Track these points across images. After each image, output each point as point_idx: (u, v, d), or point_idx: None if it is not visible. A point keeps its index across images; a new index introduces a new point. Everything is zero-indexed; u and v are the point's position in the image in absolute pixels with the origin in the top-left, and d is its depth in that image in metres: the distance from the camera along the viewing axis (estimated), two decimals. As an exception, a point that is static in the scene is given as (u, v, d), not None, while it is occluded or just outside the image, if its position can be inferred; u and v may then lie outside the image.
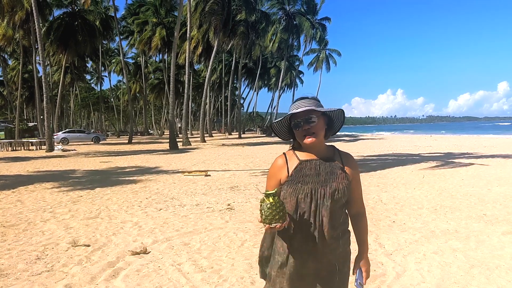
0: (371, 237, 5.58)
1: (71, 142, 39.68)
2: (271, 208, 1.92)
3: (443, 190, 9.37)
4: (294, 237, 2.09)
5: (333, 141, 19.89)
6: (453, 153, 19.95)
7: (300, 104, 2.06)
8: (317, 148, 2.13)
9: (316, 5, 54.12)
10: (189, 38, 35.05)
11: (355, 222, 2.27)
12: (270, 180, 2.19)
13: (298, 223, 2.07)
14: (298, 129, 2.07)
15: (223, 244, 5.42)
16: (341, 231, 2.14)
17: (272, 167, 2.19)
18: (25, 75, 54.12)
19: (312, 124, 2.05)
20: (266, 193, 1.96)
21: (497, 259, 4.65)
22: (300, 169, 2.10)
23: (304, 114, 2.04)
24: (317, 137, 2.07)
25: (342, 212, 2.15)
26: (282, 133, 2.21)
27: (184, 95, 36.65)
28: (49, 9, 39.44)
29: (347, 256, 2.20)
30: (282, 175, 2.13)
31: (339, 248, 2.14)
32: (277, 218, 1.93)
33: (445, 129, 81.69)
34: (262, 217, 1.95)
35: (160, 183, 11.47)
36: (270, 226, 1.95)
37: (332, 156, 2.17)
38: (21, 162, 19.38)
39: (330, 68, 71.00)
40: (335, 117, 2.17)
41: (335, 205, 2.06)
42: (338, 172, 2.10)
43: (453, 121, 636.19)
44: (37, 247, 5.37)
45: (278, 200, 1.95)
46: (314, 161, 2.11)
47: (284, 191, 2.11)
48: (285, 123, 2.16)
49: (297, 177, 2.08)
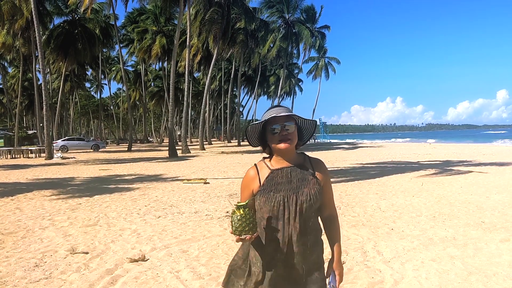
0: (369, 244, 5.61)
1: (70, 150, 39.68)
2: (241, 219, 1.97)
3: (441, 197, 9.38)
4: (268, 245, 2.11)
5: (332, 149, 20.01)
6: (452, 161, 19.98)
7: (279, 110, 2.09)
8: (289, 155, 2.16)
9: (315, 13, 54.32)
10: (189, 46, 35.19)
11: (327, 225, 2.29)
12: (243, 192, 2.22)
13: (272, 231, 2.09)
14: (274, 134, 2.09)
15: (222, 251, 5.42)
16: (314, 237, 2.15)
17: (244, 178, 2.22)
18: (25, 83, 54.31)
19: (288, 130, 2.09)
20: (237, 205, 2.01)
21: (495, 266, 4.66)
22: (272, 178, 2.13)
23: (282, 121, 2.08)
24: (292, 143, 2.10)
25: (315, 218, 2.17)
26: (253, 139, 2.22)
27: (184, 102, 36.70)
28: (50, 17, 39.67)
29: (321, 263, 2.21)
30: (254, 185, 2.16)
31: (313, 255, 2.15)
32: (247, 229, 1.98)
33: (436, 137, 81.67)
34: (233, 229, 2.00)
35: (159, 190, 11.48)
36: (240, 238, 1.99)
37: (303, 162, 2.20)
38: (20, 170, 19.38)
39: (329, 76, 71.26)
40: (305, 128, 2.23)
41: (307, 211, 2.09)
42: (309, 178, 2.14)
43: (452, 129, 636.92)
44: (36, 254, 5.37)
45: (249, 212, 2.00)
46: (285, 169, 2.15)
47: (258, 200, 2.13)
48: (258, 129, 2.17)
49: (269, 186, 2.12)
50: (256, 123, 2.15)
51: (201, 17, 36.71)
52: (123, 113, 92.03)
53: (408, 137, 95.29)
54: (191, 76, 49.63)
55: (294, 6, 50.78)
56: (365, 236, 6.07)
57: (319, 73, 70.77)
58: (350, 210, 8.08)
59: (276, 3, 49.31)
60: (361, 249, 5.39)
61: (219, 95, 72.60)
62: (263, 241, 2.12)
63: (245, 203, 2.01)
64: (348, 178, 13.66)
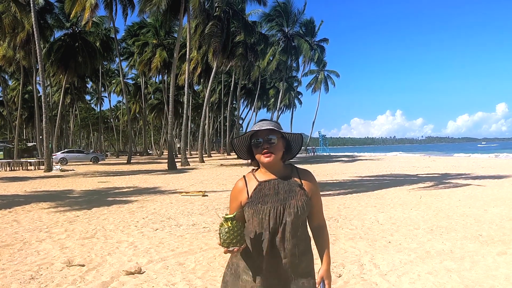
0: (366, 257, 5.60)
1: (70, 162, 39.67)
2: (228, 232, 2.00)
3: (439, 210, 9.38)
4: (257, 256, 2.13)
5: (331, 162, 20.05)
6: (450, 174, 19.98)
7: (263, 124, 2.14)
8: (275, 167, 2.20)
9: (314, 27, 54.79)
10: (189, 60, 35.39)
11: (316, 235, 2.32)
12: (232, 203, 2.26)
13: (260, 242, 2.12)
14: (258, 148, 2.15)
15: (218, 264, 5.41)
16: (303, 247, 2.17)
17: (233, 190, 2.26)
18: (25, 96, 54.55)
19: (272, 144, 2.13)
20: (225, 217, 2.04)
21: (492, 280, 4.65)
22: (260, 190, 2.17)
23: (265, 134, 2.13)
24: (275, 156, 2.14)
25: (303, 228, 2.20)
26: (241, 151, 2.27)
27: (183, 115, 36.80)
28: (50, 30, 39.82)
29: (311, 272, 2.22)
30: (243, 197, 2.20)
31: (302, 264, 2.16)
32: (235, 242, 2.01)
33: (429, 150, 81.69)
34: (221, 241, 2.03)
35: (157, 203, 11.47)
36: (228, 250, 2.02)
37: (290, 174, 2.24)
38: (19, 182, 19.37)
39: (328, 89, 71.60)
40: (293, 141, 2.26)
41: (295, 222, 2.11)
42: (296, 190, 2.17)
43: (452, 142, 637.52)
44: (32, 266, 5.36)
45: (236, 224, 2.03)
46: (273, 181, 2.18)
47: (246, 212, 2.17)
48: (246, 141, 2.22)
49: (257, 198, 2.15)
50: (239, 136, 2.21)
51: (200, 30, 36.93)
52: (123, 126, 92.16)
53: (408, 150, 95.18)
54: (190, 89, 49.82)
55: (293, 20, 51.19)
56: (362, 249, 6.06)
57: (319, 86, 71.10)
58: (348, 223, 8.07)
59: (276, 17, 49.69)
60: (358, 262, 5.38)
61: (219, 108, 72.77)
62: (252, 252, 2.14)
63: (232, 215, 2.04)
64: (347, 190, 13.66)
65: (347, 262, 5.37)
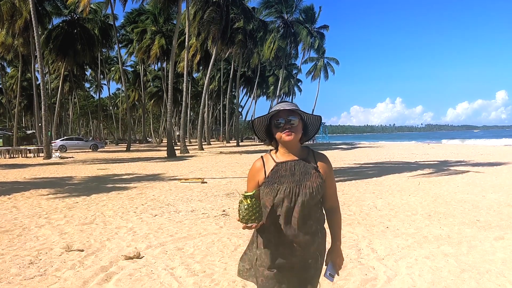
0: (364, 242, 5.63)
1: (69, 150, 39.67)
2: (248, 209, 2.08)
3: (438, 196, 9.41)
4: (271, 234, 2.22)
5: (331, 149, 20.03)
6: (449, 161, 20.01)
7: (285, 105, 2.20)
8: (293, 148, 2.27)
9: (314, 13, 54.42)
10: (188, 47, 35.21)
11: (329, 217, 2.40)
12: (250, 182, 2.34)
13: (275, 221, 2.20)
14: (279, 127, 2.20)
15: (217, 249, 5.44)
16: (315, 228, 2.25)
17: (251, 170, 2.33)
18: (23, 83, 54.26)
19: (292, 124, 2.19)
20: (245, 195, 2.11)
21: (488, 264, 4.68)
22: (276, 171, 2.23)
23: (286, 114, 2.18)
24: (295, 136, 2.20)
25: (316, 209, 2.27)
26: (260, 132, 2.33)
27: (183, 103, 36.72)
28: (48, 18, 39.55)
29: (321, 253, 2.31)
30: (260, 177, 2.27)
31: (314, 244, 2.25)
32: (253, 218, 2.09)
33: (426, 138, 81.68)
34: (240, 217, 2.11)
35: (156, 189, 11.49)
36: (247, 226, 2.10)
37: (307, 156, 2.30)
38: (18, 169, 19.38)
39: (328, 77, 71.19)
40: (311, 124, 2.32)
41: (309, 203, 2.19)
42: (312, 172, 2.24)
43: (451, 129, 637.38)
44: (31, 252, 5.39)
45: (256, 202, 2.11)
46: (290, 162, 2.25)
47: (262, 191, 2.24)
48: (265, 122, 2.28)
49: (274, 178, 2.22)
50: (262, 116, 2.27)
51: (199, 17, 36.71)
52: (122, 114, 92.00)
53: (408, 138, 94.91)
54: (190, 76, 49.73)
55: (293, 6, 50.84)
56: (360, 234, 6.09)
57: (318, 73, 70.72)
58: (346, 209, 8.09)
59: (275, 3, 49.42)
60: (356, 247, 5.41)
61: (218, 96, 72.63)
62: (267, 229, 2.23)
63: (252, 193, 2.11)
64: (346, 177, 13.68)
65: (345, 247, 5.39)
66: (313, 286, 2.31)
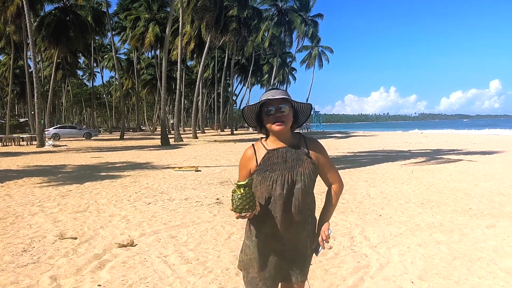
0: (357, 230, 5.66)
1: (62, 138, 39.43)
2: (241, 198, 2.07)
3: (430, 185, 9.46)
4: (263, 222, 2.22)
5: (326, 138, 20.05)
6: (442, 150, 20.10)
7: (275, 93, 2.17)
8: (284, 136, 2.25)
9: (308, 1, 54.14)
10: (181, 34, 34.98)
11: (328, 193, 2.42)
12: (241, 171, 2.32)
13: (267, 208, 2.20)
14: (269, 116, 2.18)
15: (210, 237, 5.45)
16: (306, 214, 2.25)
17: (242, 158, 2.32)
18: (16, 71, 53.75)
19: (283, 113, 2.16)
20: (238, 184, 2.10)
21: (480, 251, 4.72)
22: (268, 158, 2.23)
23: (277, 103, 2.16)
24: (286, 125, 2.18)
25: (308, 196, 2.26)
26: (250, 119, 2.31)
27: (177, 91, 36.56)
28: (41, 4, 39.08)
29: (312, 239, 2.31)
30: (252, 165, 2.26)
31: (305, 231, 2.26)
32: (247, 207, 2.08)
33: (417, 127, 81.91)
34: (233, 206, 2.10)
35: (150, 178, 11.48)
36: (241, 215, 2.09)
37: (298, 143, 2.29)
38: (11, 157, 19.28)
39: (322, 65, 71.05)
40: (301, 112, 2.30)
41: (302, 189, 2.19)
42: (303, 158, 2.23)
43: (445, 118, 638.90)
44: (24, 239, 5.37)
45: (249, 191, 2.09)
46: (281, 149, 2.24)
47: (254, 179, 2.23)
48: (255, 109, 2.25)
49: (265, 166, 2.21)
50: (252, 105, 2.24)
51: (193, 4, 36.43)
52: (115, 102, 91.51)
53: (401, 127, 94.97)
54: (184, 64, 49.48)
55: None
56: (353, 222, 6.12)
57: (313, 62, 70.56)
58: (340, 197, 8.11)
59: (269, -10, 49.04)
60: (349, 235, 5.44)
61: (212, 84, 72.30)
62: (260, 217, 2.22)
63: (245, 182, 2.10)
64: (339, 166, 13.70)
65: (338, 234, 5.42)
66: (304, 273, 2.32)
